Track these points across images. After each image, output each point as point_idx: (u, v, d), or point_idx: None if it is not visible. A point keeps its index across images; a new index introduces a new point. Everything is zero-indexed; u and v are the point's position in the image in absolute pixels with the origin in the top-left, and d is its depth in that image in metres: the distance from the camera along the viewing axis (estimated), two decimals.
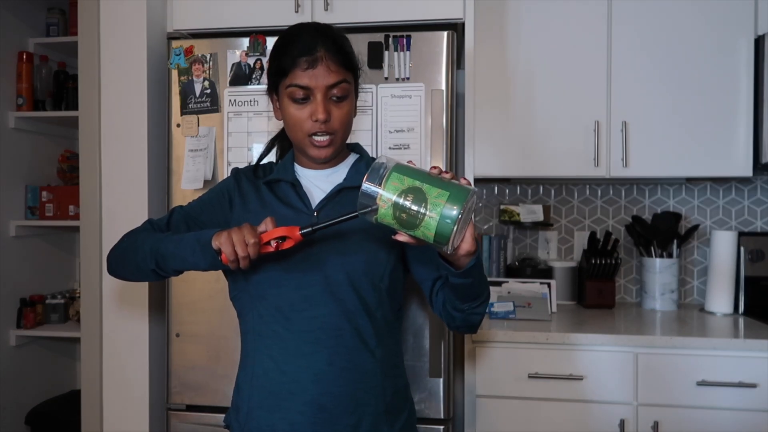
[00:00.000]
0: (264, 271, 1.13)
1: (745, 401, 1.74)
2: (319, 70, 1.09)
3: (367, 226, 1.10)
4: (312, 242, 1.11)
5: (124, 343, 1.94)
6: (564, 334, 1.81)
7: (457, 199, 0.92)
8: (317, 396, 1.10)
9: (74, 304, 2.53)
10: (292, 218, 1.14)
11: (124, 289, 1.94)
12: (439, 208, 0.91)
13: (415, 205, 0.92)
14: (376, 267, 1.15)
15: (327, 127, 1.12)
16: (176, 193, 1.90)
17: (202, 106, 1.89)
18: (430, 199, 0.92)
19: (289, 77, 1.11)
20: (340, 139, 1.16)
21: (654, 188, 2.41)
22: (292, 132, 1.16)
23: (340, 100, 1.13)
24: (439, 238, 0.93)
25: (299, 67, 1.10)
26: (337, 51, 1.12)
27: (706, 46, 2.05)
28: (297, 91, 1.11)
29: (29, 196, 2.51)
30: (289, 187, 1.19)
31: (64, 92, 2.55)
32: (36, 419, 2.38)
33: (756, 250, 2.24)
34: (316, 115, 1.10)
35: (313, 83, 1.10)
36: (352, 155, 1.26)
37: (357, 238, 1.14)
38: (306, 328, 1.11)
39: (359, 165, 1.22)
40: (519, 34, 2.13)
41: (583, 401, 1.81)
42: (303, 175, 1.22)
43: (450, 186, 0.93)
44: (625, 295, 2.43)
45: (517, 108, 2.14)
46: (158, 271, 1.14)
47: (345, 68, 1.13)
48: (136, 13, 1.91)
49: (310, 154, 1.15)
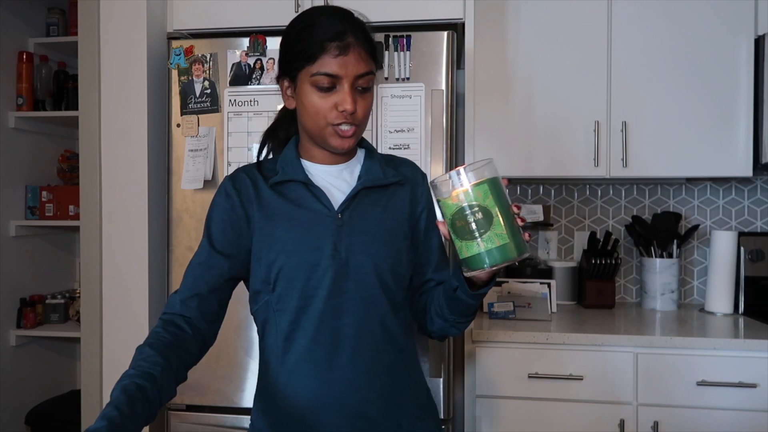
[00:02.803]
0: (287, 280, 1.05)
1: (745, 401, 1.74)
2: (350, 58, 1.01)
3: (389, 226, 1.09)
4: (337, 243, 1.06)
5: (124, 343, 1.94)
6: (564, 334, 1.81)
7: (508, 252, 0.89)
8: (357, 406, 1.05)
9: (74, 304, 2.53)
10: (314, 221, 1.06)
11: (124, 289, 1.94)
12: (490, 245, 0.89)
13: (476, 225, 0.89)
14: (400, 266, 1.10)
15: (353, 119, 1.04)
16: (176, 193, 1.90)
17: (202, 106, 1.89)
18: (491, 230, 0.89)
19: (316, 64, 1.01)
20: (362, 131, 1.09)
21: (654, 188, 2.41)
22: (312, 121, 1.05)
23: (364, 91, 1.05)
24: (469, 263, 0.91)
25: (329, 53, 1.01)
26: (366, 39, 1.05)
27: (706, 46, 2.05)
28: (323, 79, 1.01)
29: (29, 196, 2.51)
30: (301, 187, 1.09)
31: (64, 92, 2.55)
32: (36, 419, 2.38)
33: (756, 250, 2.24)
34: (343, 105, 1.02)
35: (343, 72, 1.01)
36: (359, 150, 1.18)
37: (382, 236, 1.09)
38: (339, 338, 1.05)
39: (371, 162, 1.14)
40: (519, 34, 2.13)
41: (583, 401, 1.81)
42: (313, 172, 1.12)
43: (513, 235, 0.90)
44: (625, 295, 2.43)
45: (517, 108, 2.14)
46: None
47: (372, 59, 1.06)
48: (136, 13, 1.91)
49: (331, 144, 1.06)
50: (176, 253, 1.91)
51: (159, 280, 1.97)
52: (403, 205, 1.14)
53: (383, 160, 1.16)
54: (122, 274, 1.94)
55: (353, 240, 1.06)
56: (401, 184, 1.15)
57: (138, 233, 1.93)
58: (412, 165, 1.21)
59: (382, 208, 1.11)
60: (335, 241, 1.05)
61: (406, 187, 1.15)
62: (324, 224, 1.06)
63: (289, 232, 1.06)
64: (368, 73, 1.04)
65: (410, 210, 1.15)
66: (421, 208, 1.16)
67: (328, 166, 1.13)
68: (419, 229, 1.16)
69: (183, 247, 1.90)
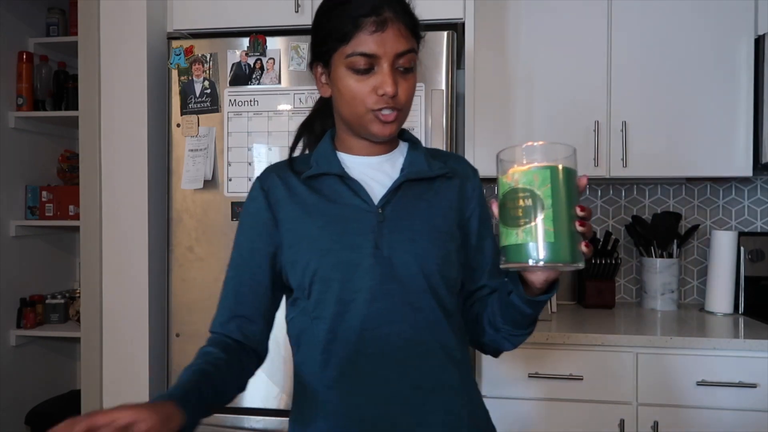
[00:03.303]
0: (323, 283, 0.94)
1: (745, 401, 1.74)
2: (388, 34, 0.90)
3: (436, 223, 0.97)
4: (379, 241, 0.94)
5: (124, 343, 1.94)
6: (564, 334, 1.81)
7: (551, 252, 0.75)
8: (407, 424, 0.92)
9: (74, 304, 2.53)
10: (351, 217, 0.96)
11: (124, 289, 1.94)
12: (529, 238, 0.75)
13: (522, 212, 0.76)
14: (449, 267, 0.97)
15: (394, 102, 0.93)
16: (176, 193, 1.90)
17: (202, 106, 1.89)
18: (535, 222, 0.75)
19: (351, 44, 0.91)
20: (404, 116, 0.97)
21: (654, 188, 2.41)
22: (350, 108, 0.95)
23: (406, 71, 0.94)
24: (505, 252, 0.78)
25: (364, 30, 0.90)
26: (405, 12, 0.94)
27: (706, 46, 2.05)
28: (360, 60, 0.91)
29: (29, 196, 2.51)
30: (336, 181, 0.98)
31: (64, 92, 2.55)
32: (36, 419, 2.38)
33: (756, 250, 2.24)
34: (383, 87, 0.91)
35: (381, 50, 0.90)
36: (401, 143, 1.07)
37: (429, 234, 0.97)
38: (384, 349, 0.92)
39: (415, 153, 1.03)
40: (519, 34, 2.13)
41: (583, 401, 1.81)
42: (351, 164, 1.01)
43: (564, 237, 0.75)
44: (625, 295, 2.43)
45: (517, 108, 2.14)
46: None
47: (413, 35, 0.95)
48: (136, 13, 1.91)
49: (372, 131, 0.95)
50: (176, 253, 1.91)
51: (159, 280, 1.97)
52: (451, 200, 1.01)
53: (428, 153, 1.05)
54: (122, 274, 1.94)
55: (396, 237, 0.95)
56: (448, 177, 1.02)
57: (138, 233, 1.93)
58: (461, 159, 1.09)
59: (427, 203, 0.99)
60: (376, 239, 0.94)
61: (455, 181, 1.03)
62: (363, 220, 0.95)
63: (323, 230, 0.95)
64: (409, 51, 0.93)
65: (459, 207, 1.02)
66: (472, 206, 1.04)
67: (368, 157, 1.02)
68: (470, 229, 1.03)
69: (183, 247, 1.90)
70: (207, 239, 1.89)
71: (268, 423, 1.85)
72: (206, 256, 1.89)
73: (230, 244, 1.87)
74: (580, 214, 0.77)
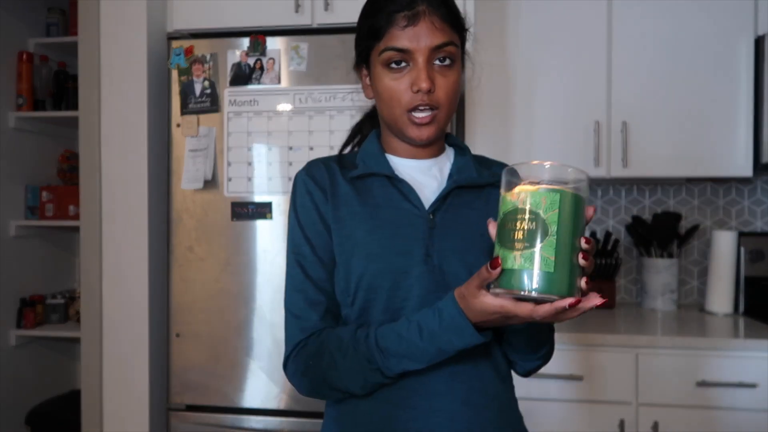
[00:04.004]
0: (369, 290, 0.89)
1: (745, 401, 1.74)
2: (421, 28, 0.87)
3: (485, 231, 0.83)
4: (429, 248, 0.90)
5: (124, 343, 1.94)
6: (564, 334, 1.81)
7: (545, 283, 0.68)
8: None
9: (74, 304, 2.53)
10: (401, 222, 0.91)
11: (124, 289, 1.94)
12: (528, 265, 0.69)
13: (523, 234, 0.70)
14: None
15: (430, 100, 0.88)
16: (176, 193, 1.90)
17: (202, 106, 1.89)
18: (535, 248, 0.69)
19: (384, 40, 0.89)
20: (444, 116, 0.91)
21: (654, 188, 2.41)
22: (388, 108, 0.91)
23: (446, 66, 0.89)
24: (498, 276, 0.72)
25: (396, 25, 0.88)
26: (442, 3, 0.90)
27: (706, 46, 2.05)
28: (393, 55, 0.88)
29: (29, 196, 2.51)
30: (385, 182, 0.94)
31: (64, 92, 2.55)
32: (36, 419, 2.38)
33: (756, 250, 2.23)
34: (418, 83, 0.87)
35: (414, 44, 0.87)
36: (448, 147, 1.02)
37: (480, 243, 0.91)
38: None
39: (463, 159, 0.98)
40: (519, 34, 2.13)
41: (583, 401, 1.81)
42: (400, 167, 0.97)
43: (564, 269, 0.69)
44: (625, 295, 2.43)
45: (517, 108, 2.14)
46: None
47: (452, 27, 0.90)
48: (136, 13, 1.91)
49: (409, 134, 0.91)
50: (176, 253, 1.91)
51: (159, 280, 1.97)
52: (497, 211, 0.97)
53: (476, 160, 1.01)
54: (122, 274, 1.94)
55: (448, 245, 0.91)
56: (497, 186, 0.96)
57: (138, 233, 1.93)
58: (506, 167, 1.05)
59: (476, 211, 0.95)
60: (427, 245, 0.90)
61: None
62: (414, 225, 0.90)
63: (372, 234, 0.90)
64: (447, 44, 0.89)
65: None
66: None
67: (415, 160, 0.97)
68: None
69: (183, 247, 1.90)
70: (207, 239, 1.89)
71: (268, 423, 1.85)
72: (206, 256, 1.89)
73: (230, 244, 1.88)
74: (584, 246, 0.71)
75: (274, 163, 1.86)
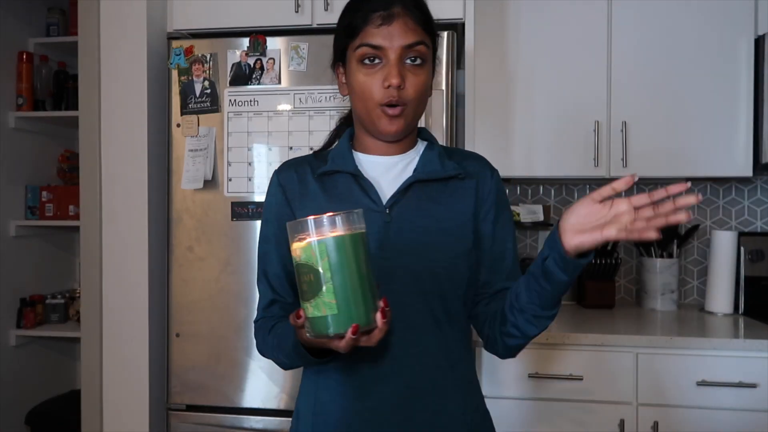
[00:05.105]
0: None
1: (745, 401, 1.74)
2: (395, 27, 0.93)
3: (446, 225, 0.99)
4: (384, 242, 0.96)
5: (124, 343, 1.94)
6: (564, 334, 1.81)
7: (342, 324, 0.76)
8: (397, 424, 0.96)
9: (74, 304, 2.53)
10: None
11: (124, 289, 1.94)
12: (317, 313, 0.77)
13: (306, 286, 0.78)
14: (456, 272, 0.99)
15: (400, 96, 0.94)
16: (176, 193, 1.90)
17: (202, 106, 1.89)
18: (318, 298, 0.76)
19: (359, 37, 0.95)
20: (412, 112, 0.97)
21: (654, 188, 2.40)
22: (361, 103, 0.97)
23: (416, 66, 0.95)
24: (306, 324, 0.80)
25: (372, 23, 0.94)
26: (416, 6, 0.96)
27: (706, 46, 2.05)
28: (368, 51, 0.94)
29: (29, 196, 2.51)
30: (349, 179, 1.00)
31: (64, 92, 2.55)
32: (36, 419, 2.38)
33: (756, 250, 2.23)
34: (389, 79, 0.93)
35: (388, 42, 0.93)
36: (420, 142, 1.07)
37: (436, 237, 0.98)
38: (380, 348, 0.93)
39: (430, 153, 1.04)
40: (519, 34, 2.13)
41: (583, 401, 1.81)
42: (366, 164, 1.03)
43: (357, 303, 0.76)
44: (625, 295, 2.43)
45: (516, 108, 2.14)
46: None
47: (424, 30, 0.97)
48: (136, 13, 1.91)
49: (380, 128, 0.97)
50: (176, 253, 1.91)
51: (159, 280, 1.97)
52: (466, 203, 1.02)
53: (445, 153, 1.05)
54: (122, 274, 1.94)
55: (402, 239, 0.97)
56: (462, 178, 1.03)
57: (138, 233, 1.93)
58: (479, 159, 1.09)
59: (439, 205, 1.00)
60: (381, 239, 0.96)
61: (470, 182, 1.03)
62: (370, 220, 0.93)
63: None
64: (418, 43, 0.95)
65: (475, 209, 1.02)
66: (486, 208, 1.03)
67: (383, 157, 1.03)
68: (484, 232, 1.03)
69: (183, 247, 1.90)
70: (207, 239, 1.89)
71: (268, 423, 1.85)
72: (206, 256, 1.89)
73: (230, 244, 1.88)
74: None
75: (275, 163, 1.86)
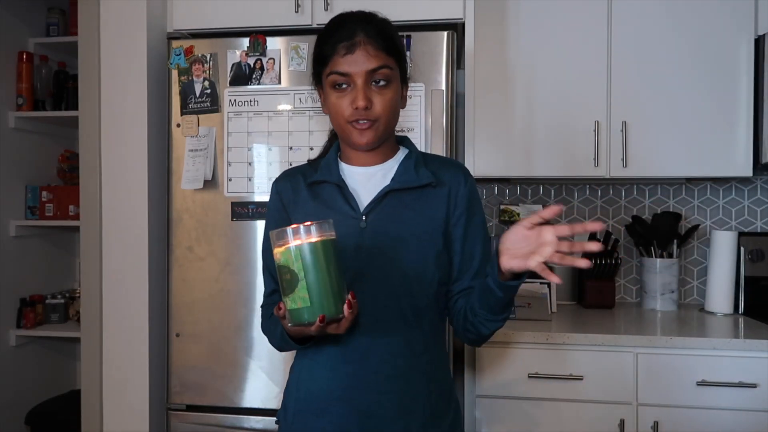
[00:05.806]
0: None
1: (745, 401, 1.74)
2: (358, 55, 1.05)
3: (417, 231, 1.10)
4: (360, 246, 1.09)
5: (124, 343, 1.94)
6: (564, 334, 1.81)
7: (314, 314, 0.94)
8: (365, 405, 1.08)
9: (74, 304, 2.53)
10: (340, 223, 1.05)
11: (124, 289, 1.94)
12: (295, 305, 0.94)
13: (285, 283, 0.94)
14: (425, 273, 1.10)
15: (368, 115, 1.06)
16: (176, 193, 1.91)
17: (202, 106, 1.89)
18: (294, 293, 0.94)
19: (329, 65, 1.07)
20: (383, 126, 1.09)
21: (654, 188, 2.41)
22: (335, 120, 1.11)
23: (382, 87, 1.07)
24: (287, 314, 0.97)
25: (338, 53, 1.06)
26: (378, 34, 1.07)
27: (706, 46, 2.05)
28: (337, 78, 1.07)
29: (29, 196, 2.51)
30: (334, 188, 1.13)
31: (64, 92, 2.55)
32: (36, 419, 2.38)
33: (756, 250, 2.23)
34: (356, 102, 1.05)
35: (353, 69, 1.05)
36: (401, 150, 1.19)
37: (407, 241, 1.10)
38: (353, 336, 1.08)
39: (408, 162, 1.14)
40: (519, 34, 2.13)
41: (583, 401, 1.81)
42: (349, 174, 1.15)
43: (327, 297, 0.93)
44: (625, 295, 2.43)
45: (517, 108, 2.14)
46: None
47: (387, 53, 1.07)
48: (136, 13, 1.92)
49: (353, 140, 1.09)
50: (176, 253, 1.91)
51: (159, 280, 1.97)
52: (439, 209, 1.13)
53: (422, 161, 1.15)
54: (122, 274, 1.94)
55: (375, 243, 1.08)
56: (434, 186, 1.13)
57: (138, 233, 1.93)
58: (456, 166, 1.19)
59: (412, 211, 1.11)
60: (357, 244, 1.08)
61: (443, 189, 1.14)
62: (347, 225, 1.08)
63: None
64: (381, 67, 1.06)
65: (446, 214, 1.13)
66: (458, 214, 1.14)
67: (365, 167, 1.15)
68: (455, 235, 1.14)
69: (183, 247, 1.90)
70: (207, 239, 1.89)
71: (268, 423, 1.85)
72: (206, 256, 1.89)
73: (230, 244, 1.89)
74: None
75: (275, 163, 1.86)
